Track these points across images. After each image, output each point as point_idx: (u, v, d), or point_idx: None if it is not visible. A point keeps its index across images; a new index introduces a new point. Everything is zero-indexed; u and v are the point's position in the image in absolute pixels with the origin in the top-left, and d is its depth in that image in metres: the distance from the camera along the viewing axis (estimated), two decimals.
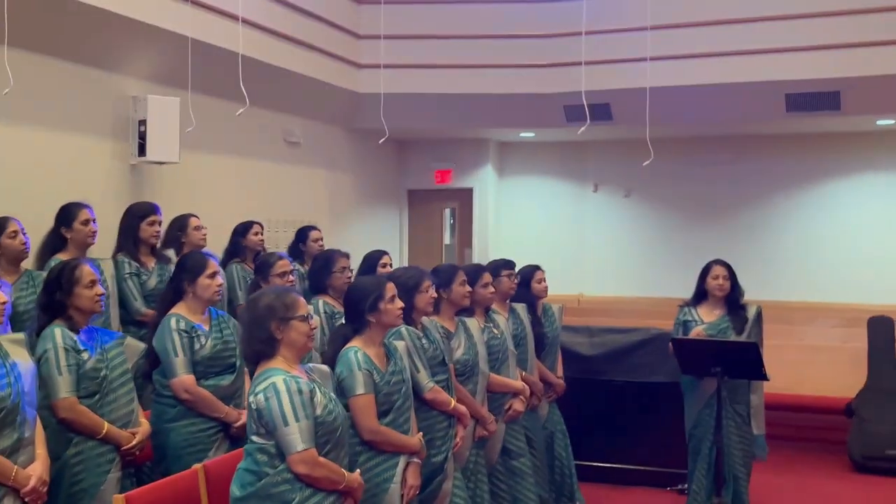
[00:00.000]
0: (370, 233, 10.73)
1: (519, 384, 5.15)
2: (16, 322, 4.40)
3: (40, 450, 3.36)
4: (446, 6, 9.86)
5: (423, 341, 4.32)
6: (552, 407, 5.92)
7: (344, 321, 4.07)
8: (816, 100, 9.25)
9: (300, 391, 3.21)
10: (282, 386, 3.20)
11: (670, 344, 5.66)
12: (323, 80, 9.06)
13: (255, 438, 3.27)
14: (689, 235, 11.22)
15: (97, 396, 3.80)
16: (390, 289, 3.90)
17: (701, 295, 5.82)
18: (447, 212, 11.90)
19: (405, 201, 11.64)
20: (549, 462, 5.82)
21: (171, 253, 5.68)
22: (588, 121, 8.28)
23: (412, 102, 9.74)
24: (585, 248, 11.71)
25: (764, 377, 5.50)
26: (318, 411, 3.26)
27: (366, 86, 9.72)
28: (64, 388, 3.70)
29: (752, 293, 10.49)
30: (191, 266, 4.35)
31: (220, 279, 4.37)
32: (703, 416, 5.71)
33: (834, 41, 8.89)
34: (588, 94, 9.61)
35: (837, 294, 10.42)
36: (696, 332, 5.65)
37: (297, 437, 3.17)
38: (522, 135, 11.23)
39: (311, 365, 3.60)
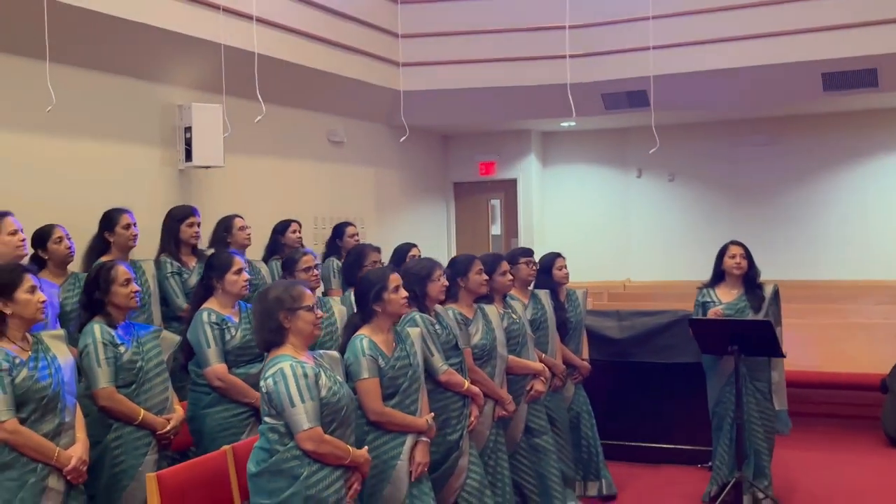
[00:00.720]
0: (418, 226, 11.03)
1: (539, 365, 5.39)
2: (64, 320, 4.79)
3: (80, 434, 3.73)
4: (482, 1, 10.08)
5: (437, 327, 4.60)
6: (578, 388, 6.16)
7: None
8: (853, 78, 9.26)
9: (305, 375, 3.52)
10: (288, 371, 3.51)
11: (688, 324, 5.85)
12: (364, 81, 9.35)
13: (266, 419, 3.59)
14: (733, 217, 11.29)
15: (134, 386, 4.16)
16: (394, 280, 4.19)
17: (719, 276, 5.99)
18: (496, 202, 12.14)
19: (451, 194, 11.92)
20: (575, 441, 6.07)
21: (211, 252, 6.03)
22: (574, 114, 8.49)
23: (452, 98, 10.02)
24: (631, 233, 11.86)
25: (780, 354, 5.66)
26: (323, 393, 3.56)
27: (407, 83, 10.02)
28: (103, 378, 4.07)
29: (796, 272, 10.65)
30: (218, 264, 4.71)
31: (245, 275, 4.71)
32: (724, 394, 5.89)
33: (869, 18, 8.88)
34: (623, 81, 9.84)
35: (883, 272, 10.41)
36: (714, 312, 5.83)
37: (303, 416, 3.48)
38: (563, 124, 11.41)
39: (321, 351, 3.91)
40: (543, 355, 5.69)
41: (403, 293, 4.21)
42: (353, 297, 5.45)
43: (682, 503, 6.01)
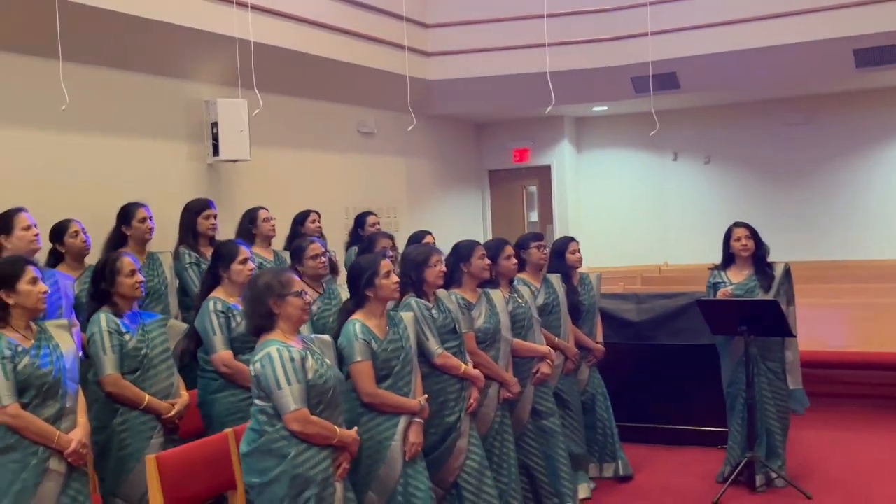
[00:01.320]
0: (453, 214, 11.14)
1: (544, 349, 5.44)
2: (80, 311, 4.98)
3: (81, 418, 3.89)
4: None
5: (433, 311, 4.69)
6: (593, 371, 6.21)
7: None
8: (885, 53, 9.12)
9: (292, 359, 3.66)
10: (275, 354, 3.65)
11: (697, 306, 5.88)
12: (392, 72, 9.45)
13: (257, 401, 3.74)
14: (770, 198, 11.23)
15: (139, 372, 4.34)
16: (384, 266, 4.29)
17: (729, 259, 5.99)
18: (534, 189, 12.19)
19: (486, 181, 11.99)
20: (590, 423, 6.13)
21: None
22: (553, 100, 8.43)
23: (482, 85, 10.09)
24: (668, 217, 11.81)
25: (789, 334, 5.65)
26: (310, 376, 3.69)
27: (436, 73, 10.11)
28: (109, 366, 4.26)
29: (836, 252, 10.49)
30: (224, 254, 4.87)
31: (251, 264, 4.86)
32: (736, 375, 5.90)
33: None
34: (651, 64, 9.80)
35: None
36: (723, 292, 5.84)
37: (289, 398, 3.62)
38: (595, 109, 11.40)
39: (312, 335, 4.04)
40: (556, 339, 5.76)
41: (394, 279, 4.32)
42: None
43: (696, 483, 6.02)
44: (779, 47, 9.29)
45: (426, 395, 4.38)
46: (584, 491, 5.83)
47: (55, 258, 5.21)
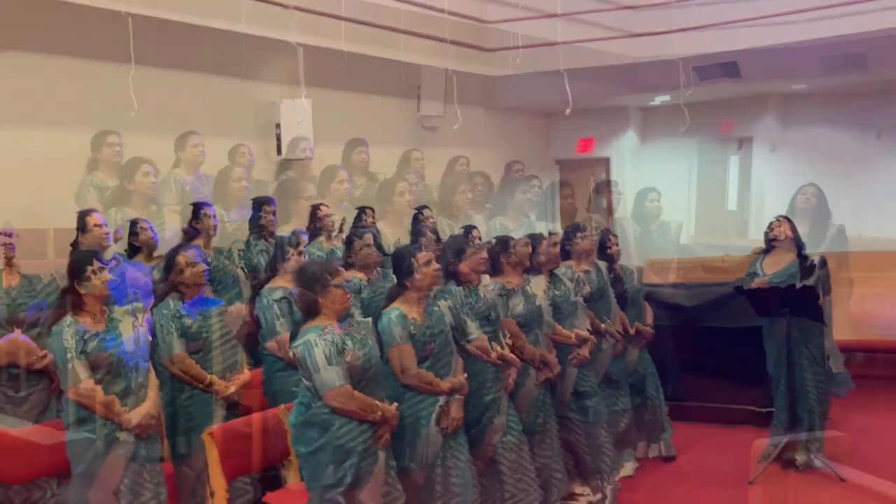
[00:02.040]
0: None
1: (573, 334, 5.69)
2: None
3: (151, 393, 4.32)
4: None
5: (471, 299, 5.02)
6: (642, 352, 6.48)
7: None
8: None
9: (329, 343, 4.05)
10: (312, 341, 4.07)
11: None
12: (454, 69, 9.71)
13: (303, 379, 4.13)
14: (839, 186, 11.03)
15: (201, 353, 4.80)
16: (421, 257, 4.62)
17: (770, 246, 6.19)
18: (601, 176, 12.32)
19: (556, 171, 12.17)
20: (639, 403, 6.39)
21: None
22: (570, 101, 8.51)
23: (540, 79, 10.29)
24: (733, 206, 11.83)
25: (821, 321, 5.82)
26: (348, 358, 4.08)
27: (498, 68, 10.35)
28: (173, 347, 4.73)
29: None
30: (281, 247, 5.29)
31: (305, 256, 5.27)
32: (780, 356, 6.08)
33: None
34: (712, 54, 9.88)
35: None
36: (758, 282, 6.06)
37: (326, 379, 4.02)
38: (656, 100, 11.51)
39: (355, 319, 4.40)
40: (602, 325, 6.04)
41: (433, 267, 4.64)
42: None
43: (738, 464, 6.15)
44: (837, 38, 9.27)
45: (466, 374, 4.70)
46: (628, 469, 6.10)
47: (133, 250, 5.70)
